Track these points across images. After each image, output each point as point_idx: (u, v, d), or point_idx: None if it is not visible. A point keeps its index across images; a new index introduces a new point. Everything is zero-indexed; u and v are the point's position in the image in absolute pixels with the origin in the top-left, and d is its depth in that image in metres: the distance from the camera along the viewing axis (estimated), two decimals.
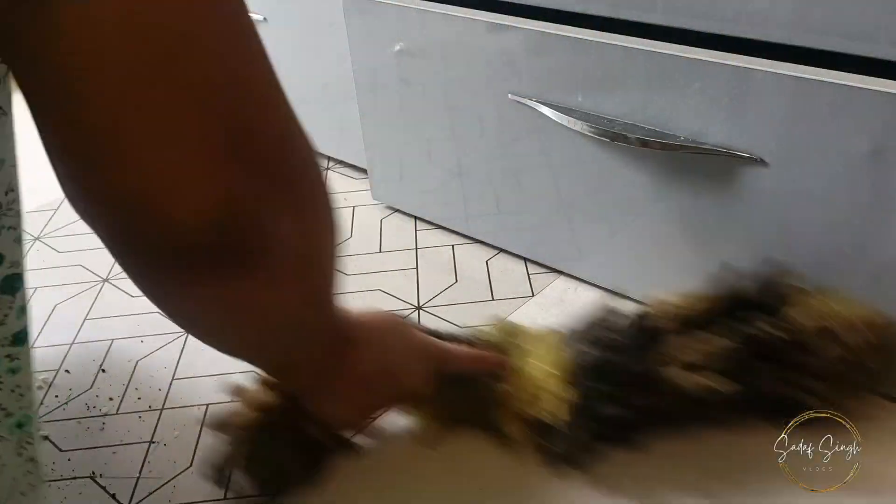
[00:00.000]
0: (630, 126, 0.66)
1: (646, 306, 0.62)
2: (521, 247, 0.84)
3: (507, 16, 0.71)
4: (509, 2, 0.71)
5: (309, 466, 0.61)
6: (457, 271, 0.84)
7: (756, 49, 0.58)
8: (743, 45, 0.59)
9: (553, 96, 0.71)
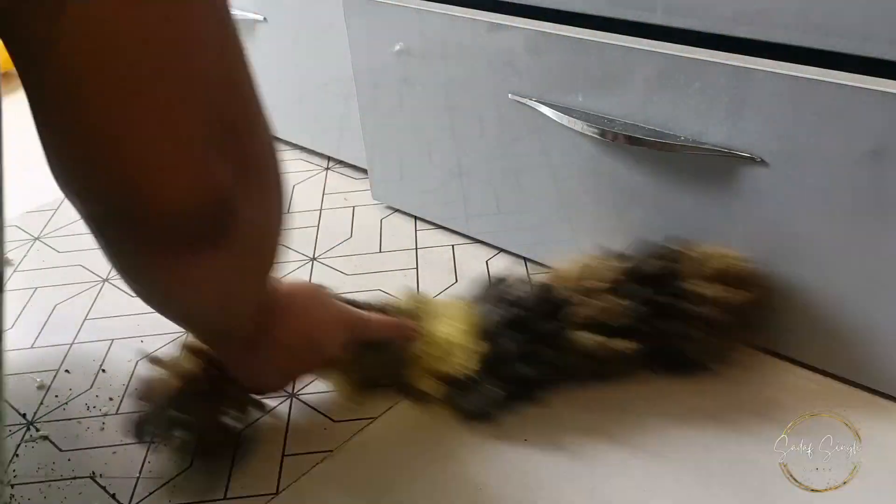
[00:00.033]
0: (630, 126, 0.66)
1: (549, 272, 0.68)
2: (521, 247, 0.84)
3: (508, 16, 0.71)
4: (509, 2, 0.71)
5: (229, 432, 0.65)
6: (457, 271, 0.84)
7: (756, 49, 0.58)
8: (743, 45, 0.59)
9: (553, 96, 0.71)
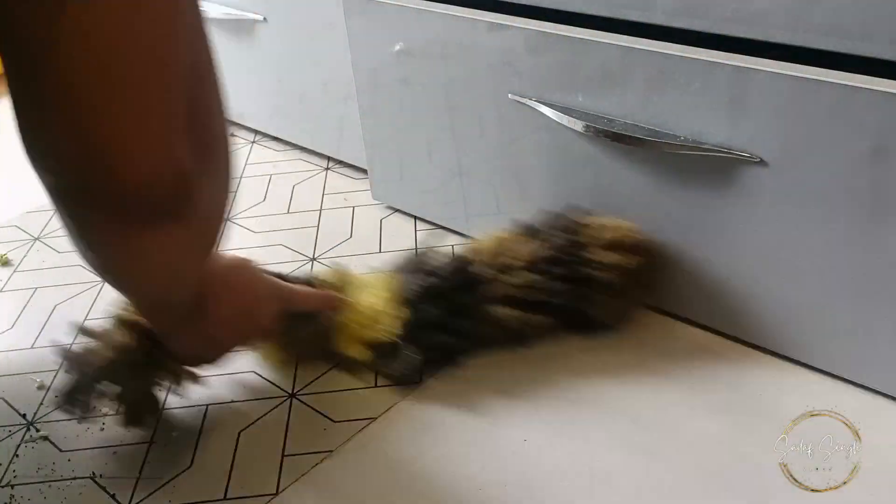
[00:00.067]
0: (630, 126, 0.66)
1: (468, 245, 0.74)
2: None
3: (508, 15, 0.71)
4: (510, 2, 0.71)
5: (158, 403, 0.67)
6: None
7: (756, 49, 0.58)
8: (743, 45, 0.59)
9: (553, 96, 0.71)
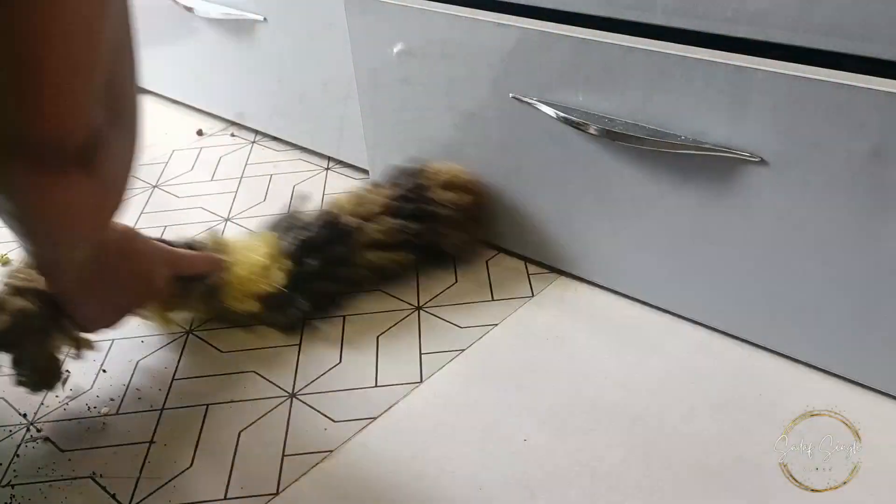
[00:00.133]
0: (630, 125, 0.66)
1: (330, 201, 0.82)
2: (522, 246, 0.84)
3: (508, 15, 0.71)
4: (510, 2, 0.71)
5: (59, 366, 0.69)
6: (457, 271, 0.84)
7: (756, 49, 0.58)
8: (743, 45, 0.59)
9: (554, 96, 0.71)
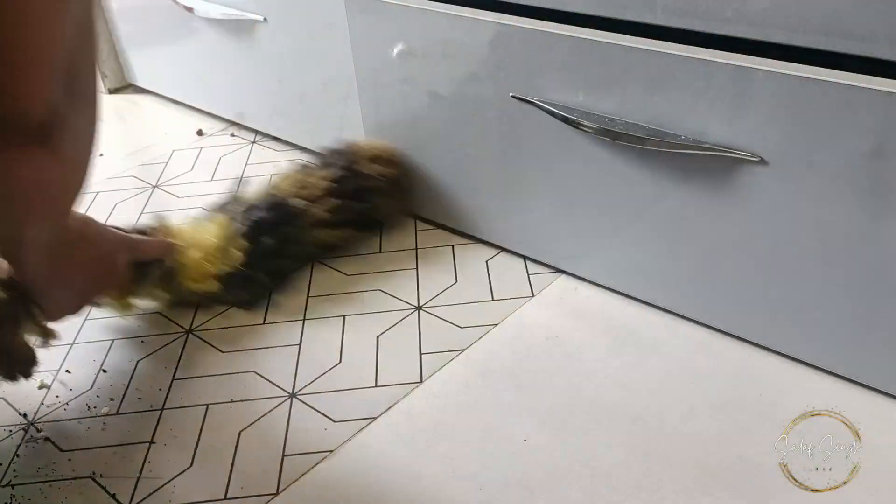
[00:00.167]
0: (631, 125, 0.66)
1: (271, 183, 0.87)
2: (523, 246, 0.84)
3: (509, 15, 0.71)
4: (510, 1, 0.71)
5: (33, 355, 0.69)
6: (457, 271, 0.84)
7: (757, 49, 0.58)
8: (743, 45, 0.59)
9: (554, 95, 0.71)
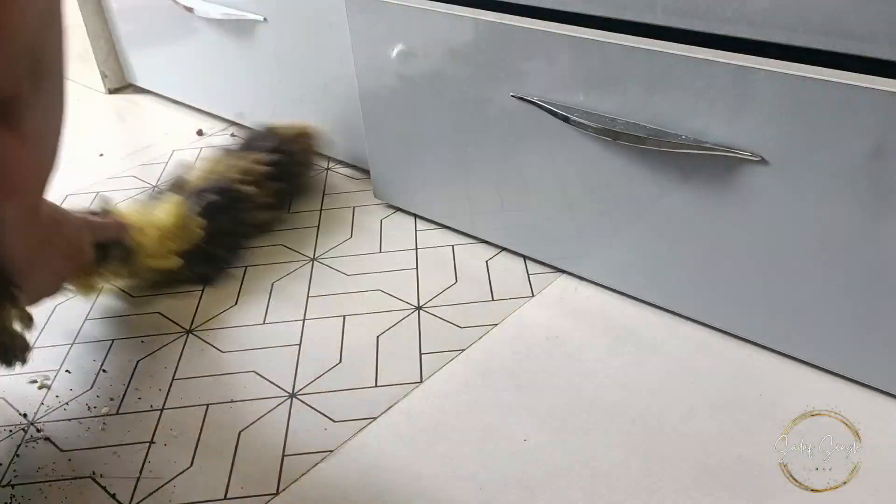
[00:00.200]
0: (631, 125, 0.66)
1: (209, 168, 0.92)
2: (523, 245, 0.84)
3: (510, 15, 0.71)
4: (511, 2, 0.71)
5: (25, 340, 0.69)
6: (457, 271, 0.84)
7: (757, 49, 0.58)
8: (743, 45, 0.59)
9: (555, 95, 0.71)
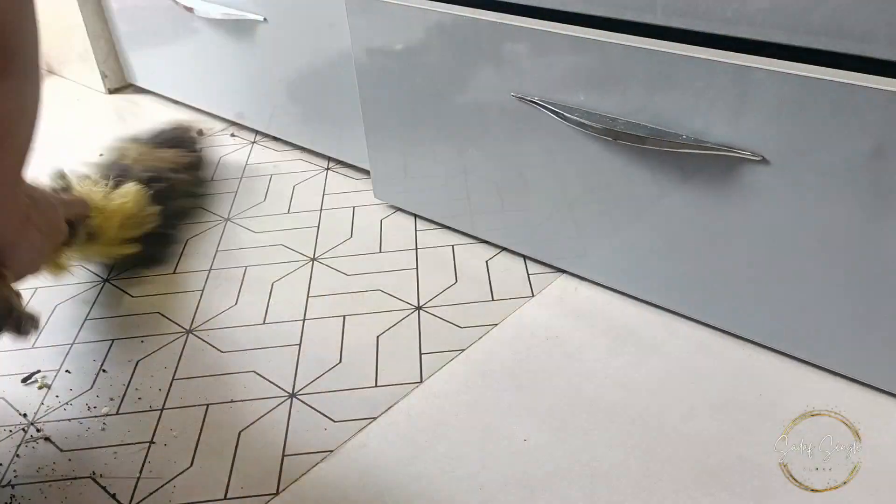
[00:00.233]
0: (632, 125, 0.66)
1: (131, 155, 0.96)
2: (524, 245, 0.84)
3: (510, 15, 0.71)
4: (511, 2, 0.71)
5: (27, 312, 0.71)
6: (457, 271, 0.84)
7: (757, 49, 0.58)
8: (743, 45, 0.59)
9: (555, 95, 0.71)
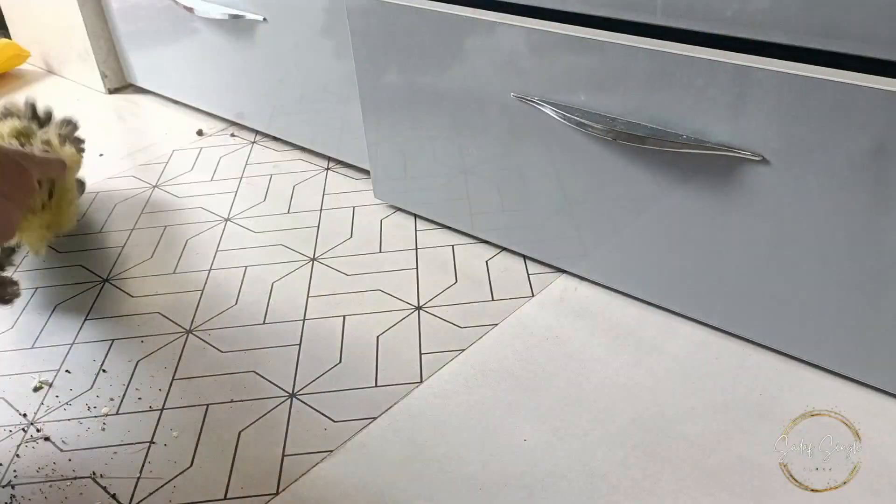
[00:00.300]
0: (632, 125, 0.66)
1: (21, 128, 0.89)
2: (524, 245, 0.84)
3: (510, 15, 0.71)
4: (511, 1, 0.71)
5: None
6: (457, 271, 0.84)
7: (757, 49, 0.58)
8: (744, 45, 0.59)
9: (555, 95, 0.71)
